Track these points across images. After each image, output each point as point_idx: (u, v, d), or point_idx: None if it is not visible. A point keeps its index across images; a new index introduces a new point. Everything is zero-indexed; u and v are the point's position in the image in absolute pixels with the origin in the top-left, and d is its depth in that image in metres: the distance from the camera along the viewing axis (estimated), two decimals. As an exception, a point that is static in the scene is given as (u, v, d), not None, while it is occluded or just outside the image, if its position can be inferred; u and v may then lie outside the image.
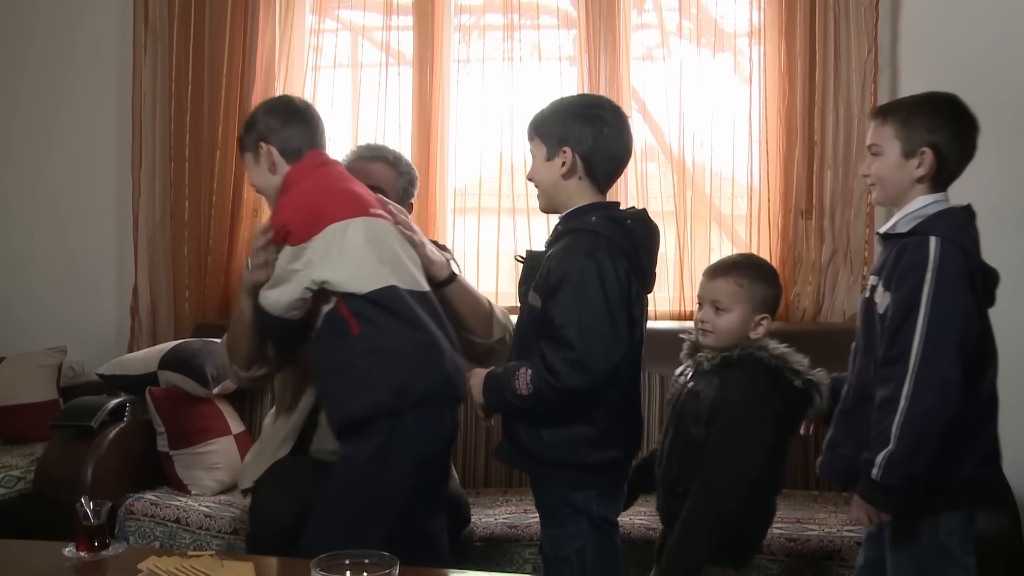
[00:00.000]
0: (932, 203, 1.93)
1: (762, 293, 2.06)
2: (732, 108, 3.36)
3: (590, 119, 2.05)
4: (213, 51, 3.59)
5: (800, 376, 2.02)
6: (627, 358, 2.02)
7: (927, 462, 1.81)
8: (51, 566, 1.99)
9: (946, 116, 1.94)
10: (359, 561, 1.78)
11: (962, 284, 1.84)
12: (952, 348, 1.81)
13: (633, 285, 2.03)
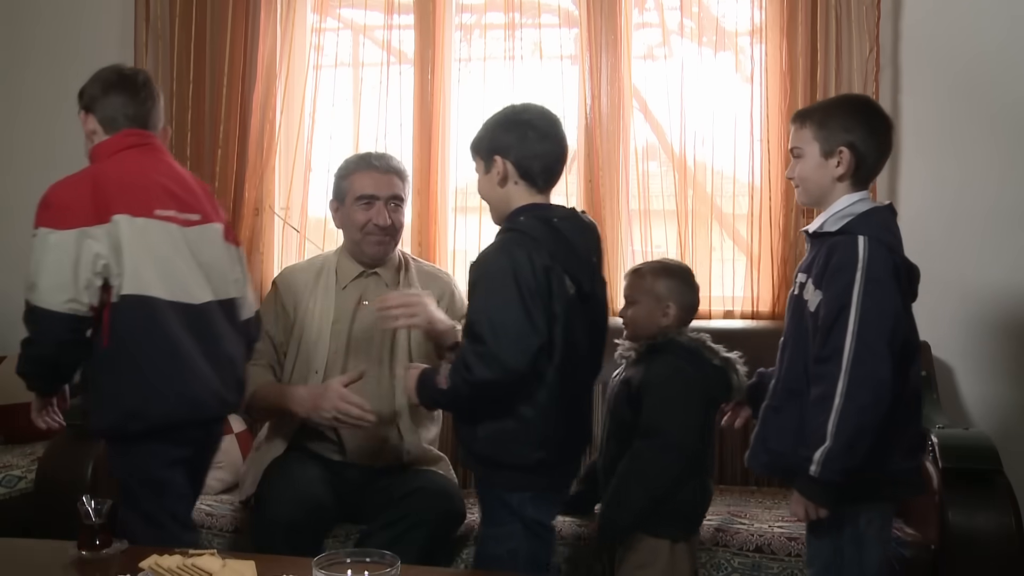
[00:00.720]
0: (857, 202, 2.00)
1: (665, 285, 2.29)
2: (733, 107, 3.36)
3: (514, 125, 2.13)
4: (214, 50, 3.59)
5: (717, 355, 2.24)
6: (555, 355, 2.05)
7: (863, 457, 1.88)
8: (53, 564, 2.00)
9: (860, 116, 2.02)
10: (360, 560, 1.78)
11: (890, 282, 1.91)
12: (883, 345, 1.87)
13: (554, 281, 2.04)
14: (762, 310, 3.32)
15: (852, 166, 1.99)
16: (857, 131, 2.00)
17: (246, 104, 3.57)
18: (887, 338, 1.88)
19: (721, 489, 2.94)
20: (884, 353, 1.87)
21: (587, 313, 2.13)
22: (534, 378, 2.03)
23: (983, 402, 3.18)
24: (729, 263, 3.40)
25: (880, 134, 2.03)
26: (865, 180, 2.04)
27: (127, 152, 2.26)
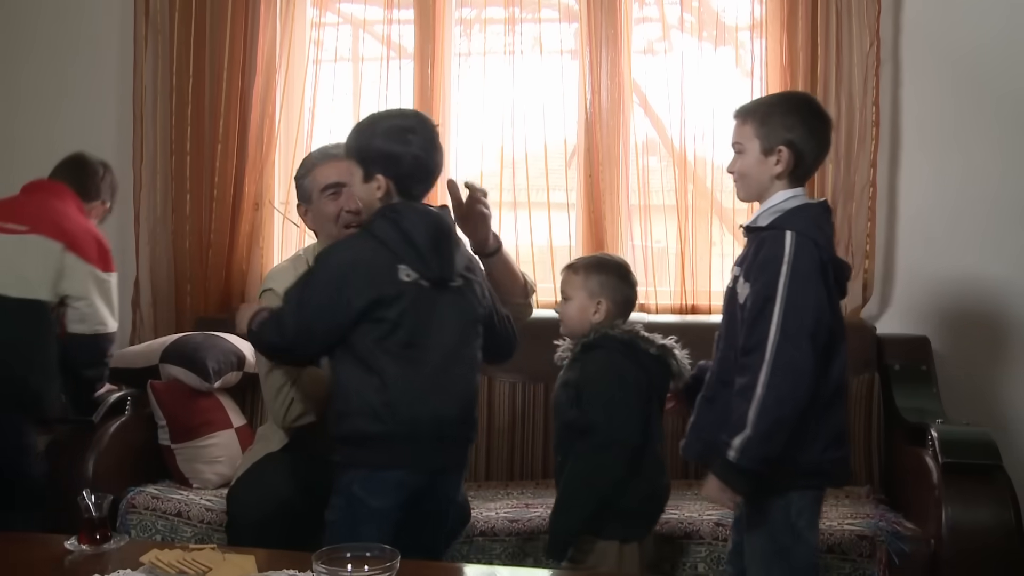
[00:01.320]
0: (790, 198, 2.02)
1: (598, 280, 2.29)
2: (733, 101, 3.32)
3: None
4: (214, 45, 3.59)
5: (653, 344, 2.24)
6: (396, 334, 2.07)
7: (781, 446, 1.92)
8: (54, 559, 2.00)
9: (801, 115, 2.04)
10: (360, 555, 1.79)
11: (815, 276, 1.95)
12: (805, 338, 1.91)
13: (383, 270, 2.09)
14: (762, 305, 3.31)
15: (791, 164, 2.01)
16: (797, 130, 2.02)
17: (246, 99, 3.57)
18: (809, 331, 1.91)
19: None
20: (806, 346, 1.91)
21: (449, 296, 2.15)
22: (372, 357, 2.07)
23: (983, 397, 3.18)
24: (729, 258, 3.40)
25: (820, 134, 2.05)
26: (802, 178, 2.06)
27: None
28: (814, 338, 1.92)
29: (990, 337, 3.19)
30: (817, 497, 2.06)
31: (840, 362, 2.01)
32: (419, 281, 2.11)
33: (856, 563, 2.38)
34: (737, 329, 2.02)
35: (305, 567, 1.81)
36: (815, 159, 2.06)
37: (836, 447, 2.03)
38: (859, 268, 3.17)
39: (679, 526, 2.52)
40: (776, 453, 1.92)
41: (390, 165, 2.13)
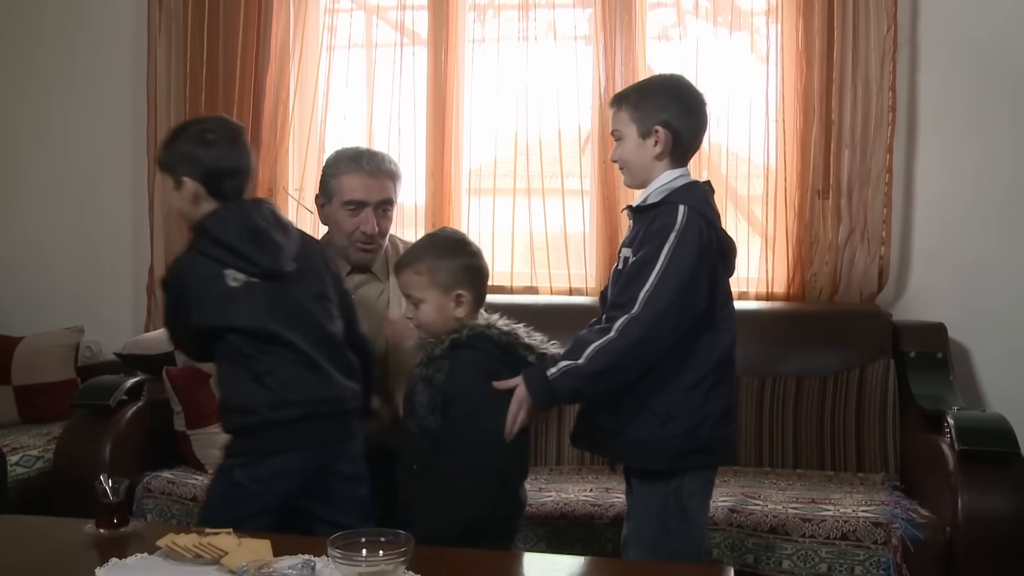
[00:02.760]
0: (678, 177, 2.06)
1: (446, 270, 2.10)
2: (749, 87, 3.33)
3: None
4: (228, 32, 3.59)
5: (533, 351, 2.07)
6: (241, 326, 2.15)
7: (600, 390, 1.99)
8: (72, 542, 2.01)
9: (673, 94, 2.08)
10: (375, 539, 1.79)
11: (699, 250, 1.97)
12: (672, 303, 1.94)
13: (209, 283, 2.16)
14: (777, 291, 3.31)
15: (669, 143, 2.04)
16: (671, 109, 2.04)
17: (259, 85, 3.57)
18: (678, 297, 1.94)
19: (735, 471, 2.94)
20: (669, 311, 1.94)
21: (289, 283, 2.19)
22: (239, 355, 2.15)
23: (1000, 383, 3.16)
24: (743, 245, 3.38)
25: (694, 111, 2.08)
26: (684, 157, 2.09)
27: None
28: (682, 305, 1.95)
29: (1007, 324, 3.17)
30: (709, 478, 2.09)
31: (726, 339, 2.04)
32: (250, 280, 2.16)
33: (870, 550, 2.37)
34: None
35: (320, 552, 1.82)
36: (693, 136, 2.08)
37: (725, 424, 2.05)
38: (875, 254, 3.15)
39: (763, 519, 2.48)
40: (590, 393, 2.01)
41: (193, 166, 2.17)
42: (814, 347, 3.06)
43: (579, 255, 3.45)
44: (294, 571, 1.75)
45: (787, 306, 3.24)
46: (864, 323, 3.08)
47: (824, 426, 2.97)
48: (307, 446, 2.15)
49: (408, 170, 3.54)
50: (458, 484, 2.00)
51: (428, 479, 2.04)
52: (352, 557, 1.73)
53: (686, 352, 2.00)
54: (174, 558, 1.85)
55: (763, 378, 3.04)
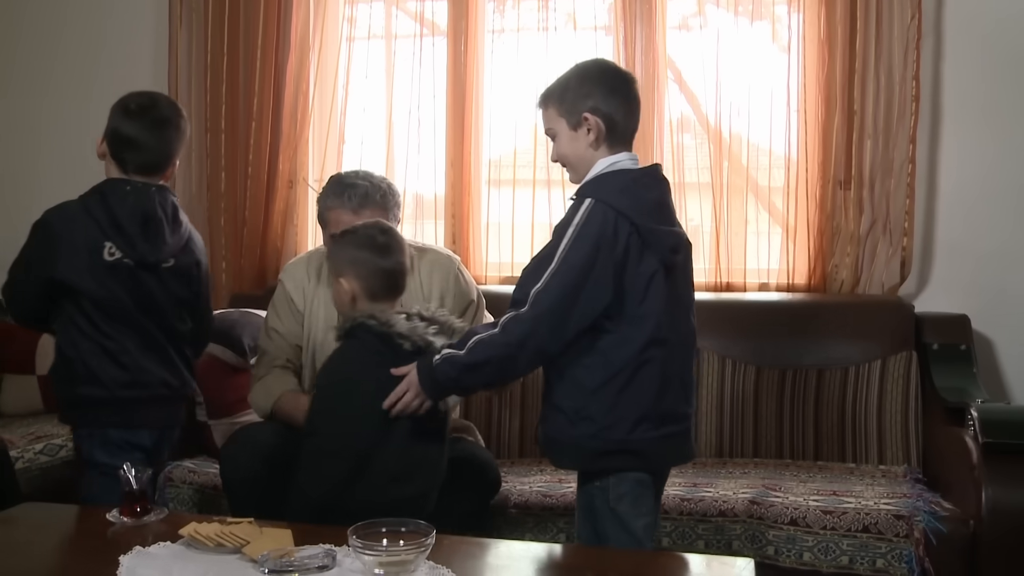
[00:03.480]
0: (608, 166, 2.01)
1: (342, 257, 2.20)
2: (770, 77, 3.31)
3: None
4: (248, 23, 3.59)
5: (408, 339, 2.08)
6: (88, 302, 2.31)
7: (480, 381, 2.05)
8: (96, 530, 2.03)
9: (595, 78, 2.03)
10: (396, 529, 1.80)
11: (596, 244, 1.92)
12: (559, 302, 1.91)
13: (95, 246, 2.33)
14: (798, 282, 3.29)
15: (602, 129, 2.00)
16: (596, 94, 2.00)
17: (280, 77, 3.58)
18: (567, 298, 1.91)
19: (756, 463, 2.94)
20: (555, 310, 1.91)
21: (157, 276, 2.37)
22: (85, 327, 2.32)
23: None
24: (764, 236, 3.37)
25: (620, 90, 2.02)
26: (623, 140, 2.03)
27: None
28: (571, 306, 1.91)
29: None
30: (639, 481, 2.00)
31: (639, 337, 1.95)
32: (123, 260, 2.32)
33: (892, 543, 2.36)
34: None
35: (341, 541, 1.83)
36: (626, 117, 2.02)
37: (651, 427, 1.97)
38: (897, 245, 3.12)
39: (784, 511, 2.47)
40: (471, 384, 2.06)
41: (111, 137, 2.40)
42: (835, 339, 3.04)
43: (599, 246, 3.44)
44: (315, 560, 1.77)
45: (808, 297, 3.22)
46: (886, 315, 3.06)
47: (845, 418, 2.96)
48: (152, 426, 2.41)
49: (428, 161, 3.56)
50: (316, 463, 2.09)
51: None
52: (373, 547, 1.74)
53: (592, 351, 1.96)
54: (196, 547, 1.86)
55: (783, 370, 3.03)
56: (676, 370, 2.02)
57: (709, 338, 3.09)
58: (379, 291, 2.18)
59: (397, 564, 1.73)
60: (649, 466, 2.02)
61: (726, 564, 2.03)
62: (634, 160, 2.04)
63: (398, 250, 2.21)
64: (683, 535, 2.50)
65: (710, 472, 2.85)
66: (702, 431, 3.04)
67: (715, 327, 3.11)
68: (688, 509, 2.52)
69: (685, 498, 2.55)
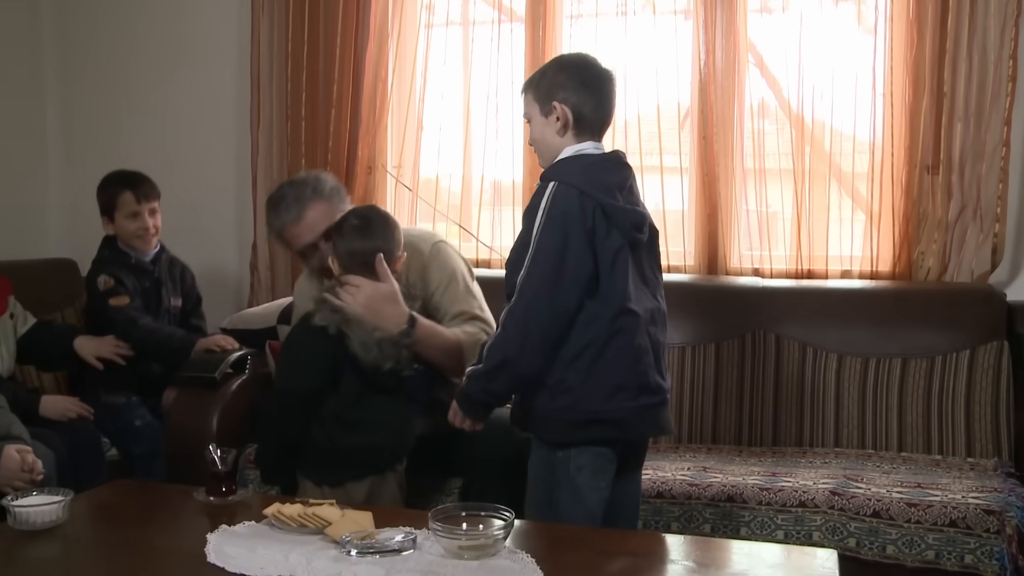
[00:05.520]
0: (574, 152, 2.09)
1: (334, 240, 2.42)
2: (855, 60, 3.23)
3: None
4: (328, 11, 3.63)
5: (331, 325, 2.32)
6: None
7: (507, 383, 2.07)
8: (184, 508, 2.09)
9: (569, 70, 2.11)
10: (475, 514, 1.81)
11: (563, 223, 1.99)
12: (543, 285, 1.99)
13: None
14: (882, 270, 3.21)
15: (568, 118, 2.07)
16: (568, 85, 2.08)
17: (359, 63, 3.61)
18: (551, 275, 1.98)
19: (836, 452, 2.89)
20: (542, 294, 1.99)
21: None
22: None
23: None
24: (847, 222, 3.30)
25: (591, 84, 2.09)
26: (591, 131, 2.10)
27: None
28: (555, 286, 1.98)
29: None
30: (601, 454, 2.06)
31: (612, 307, 2.02)
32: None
33: (982, 539, 2.29)
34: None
35: (421, 524, 1.85)
36: (595, 108, 2.08)
37: (628, 396, 2.04)
38: (988, 231, 3.03)
39: (866, 503, 2.42)
40: (501, 388, 2.08)
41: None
42: (921, 327, 2.97)
43: (677, 232, 3.41)
44: (395, 543, 1.79)
45: (892, 285, 3.15)
46: (976, 303, 2.97)
47: (931, 409, 2.88)
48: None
49: (506, 147, 3.56)
50: (273, 408, 2.40)
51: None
52: (453, 530, 1.75)
53: (569, 324, 2.03)
54: (280, 527, 1.90)
55: (867, 358, 2.97)
56: (647, 343, 2.07)
57: (789, 325, 3.06)
58: (352, 268, 2.38)
59: (477, 548, 1.75)
60: (626, 435, 2.09)
61: (807, 555, 2.00)
62: (598, 148, 2.12)
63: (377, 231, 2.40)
64: (762, 525, 2.47)
65: (789, 461, 2.81)
66: (782, 419, 3.01)
67: (796, 314, 3.07)
68: (767, 499, 2.49)
69: (764, 487, 2.52)
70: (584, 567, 1.80)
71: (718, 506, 2.50)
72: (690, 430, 3.08)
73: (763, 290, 3.17)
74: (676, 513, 2.53)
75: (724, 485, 2.54)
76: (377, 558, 1.75)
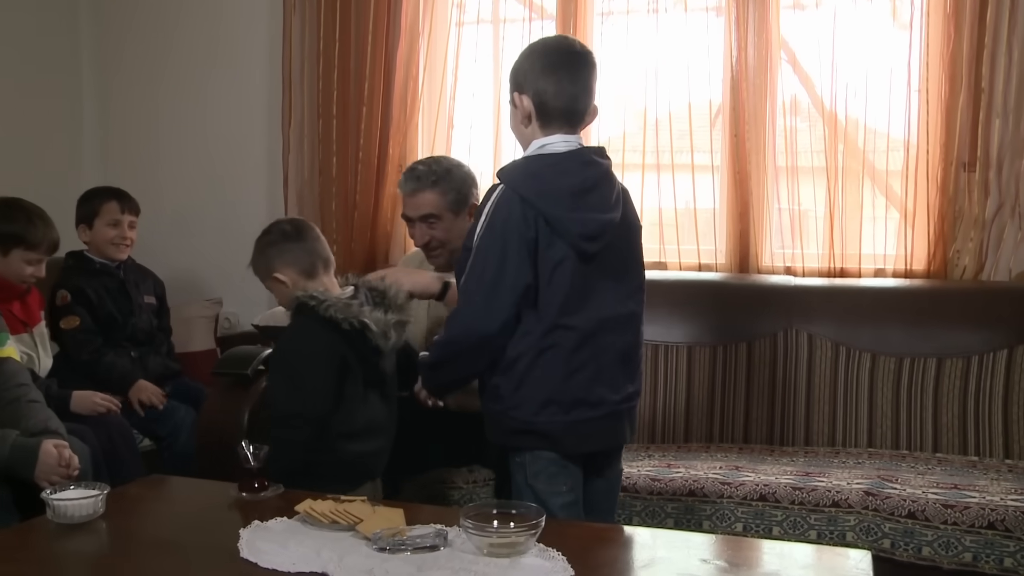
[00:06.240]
0: (534, 146, 2.02)
1: (263, 260, 2.35)
2: (889, 56, 3.20)
3: None
4: (359, 9, 3.64)
5: (344, 319, 2.20)
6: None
7: (451, 377, 2.14)
8: (216, 504, 2.10)
9: (533, 58, 2.01)
10: (506, 512, 1.81)
11: (502, 230, 1.95)
12: (480, 291, 1.97)
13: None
14: (916, 268, 3.18)
15: (529, 109, 1.99)
16: (530, 73, 1.99)
17: (390, 62, 3.62)
18: (489, 280, 1.96)
19: (870, 452, 2.86)
20: (479, 298, 1.97)
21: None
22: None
23: None
24: (880, 220, 3.27)
25: (556, 69, 1.98)
26: (560, 121, 2.00)
27: None
28: (493, 292, 1.95)
29: None
30: (553, 461, 2.04)
31: (543, 322, 1.98)
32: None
33: (1022, 541, 2.26)
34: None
35: (452, 522, 1.84)
36: (556, 97, 1.98)
37: (559, 411, 2.00)
38: (1030, 229, 2.99)
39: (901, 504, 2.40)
40: (441, 381, 2.15)
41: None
42: (957, 327, 2.94)
43: (709, 230, 3.39)
44: (427, 540, 1.79)
45: (927, 284, 3.11)
46: (1014, 302, 2.93)
47: (967, 409, 2.85)
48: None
49: (536, 145, 3.55)
50: (278, 434, 2.21)
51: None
52: (484, 528, 1.75)
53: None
54: (311, 523, 1.90)
55: (901, 358, 2.94)
56: (593, 355, 2.02)
57: (822, 324, 3.03)
58: (311, 269, 2.33)
59: (507, 546, 1.74)
60: (559, 448, 2.04)
61: (840, 555, 1.98)
62: (567, 142, 2.01)
63: (309, 232, 2.40)
64: (795, 525, 2.45)
65: (822, 461, 2.79)
66: (814, 419, 2.98)
67: (828, 313, 3.05)
68: (800, 499, 2.47)
69: (797, 487, 2.50)
70: (614, 565, 1.80)
71: (750, 505, 2.49)
72: (721, 429, 3.06)
73: (795, 289, 3.15)
74: (708, 512, 2.51)
75: (756, 484, 2.52)
76: (408, 555, 1.75)
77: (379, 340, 2.25)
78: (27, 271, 2.87)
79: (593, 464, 2.14)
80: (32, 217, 2.88)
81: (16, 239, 2.84)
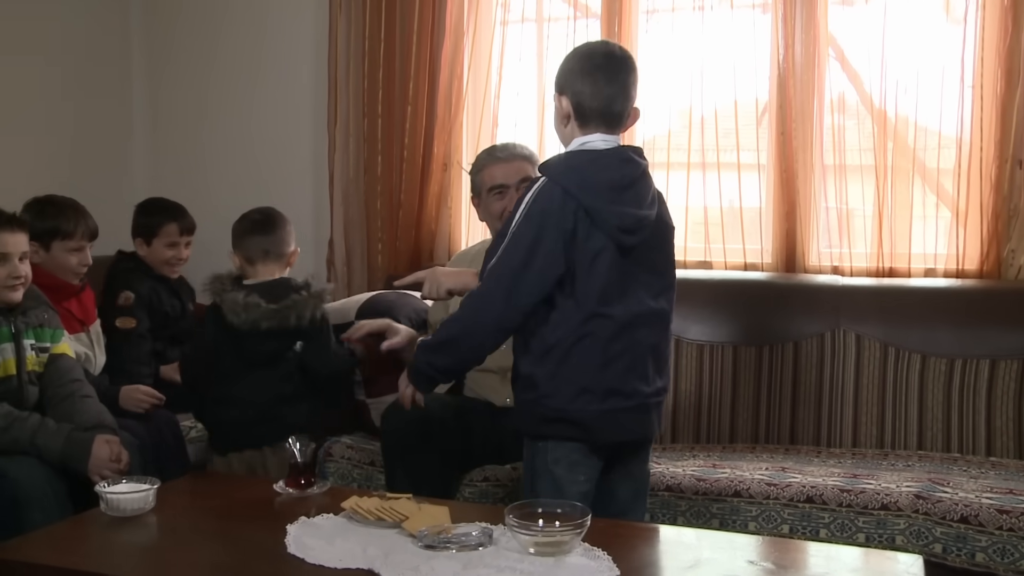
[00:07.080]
0: (574, 144, 2.09)
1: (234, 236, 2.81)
2: (941, 52, 3.14)
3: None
4: (404, 8, 3.66)
5: (237, 314, 2.59)
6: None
7: (451, 360, 2.13)
8: (265, 499, 2.13)
9: (576, 60, 2.11)
10: (551, 510, 1.81)
11: (540, 220, 2.00)
12: (506, 275, 2.01)
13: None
14: (968, 268, 3.12)
15: (568, 109, 2.08)
16: (569, 75, 2.08)
17: (435, 61, 3.63)
18: (515, 272, 2.00)
19: (920, 455, 2.82)
20: (501, 284, 2.02)
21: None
22: None
23: None
24: (931, 219, 3.21)
25: (591, 73, 2.06)
26: (598, 122, 2.07)
27: None
28: (519, 280, 2.00)
29: None
30: (576, 449, 2.07)
31: (581, 311, 2.02)
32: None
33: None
34: None
35: (497, 520, 1.85)
36: (592, 98, 2.05)
37: (593, 399, 2.03)
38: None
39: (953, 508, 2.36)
40: (444, 363, 2.13)
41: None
42: (1011, 328, 2.88)
43: (755, 229, 3.36)
44: (472, 538, 1.80)
45: (980, 284, 3.06)
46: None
47: (1023, 412, 2.79)
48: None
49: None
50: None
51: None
52: (529, 527, 1.75)
53: (543, 321, 2.05)
54: (357, 519, 1.92)
55: (952, 360, 2.89)
56: (627, 347, 2.06)
57: (870, 325, 2.99)
58: (252, 257, 2.74)
59: (553, 544, 1.74)
60: (590, 437, 2.08)
61: (889, 559, 1.97)
62: (608, 141, 2.09)
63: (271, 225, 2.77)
64: (842, 527, 2.42)
65: (871, 463, 2.75)
66: (862, 421, 2.94)
67: (877, 313, 3.01)
68: (848, 501, 2.44)
69: (845, 489, 2.47)
70: (659, 565, 1.79)
71: (797, 507, 2.46)
72: (767, 430, 3.04)
73: (843, 288, 3.11)
74: (753, 513, 2.49)
75: (803, 486, 2.50)
76: (454, 552, 1.76)
77: (230, 316, 2.57)
78: (72, 261, 2.91)
79: (619, 460, 2.16)
80: (63, 208, 2.94)
81: (52, 232, 2.88)
